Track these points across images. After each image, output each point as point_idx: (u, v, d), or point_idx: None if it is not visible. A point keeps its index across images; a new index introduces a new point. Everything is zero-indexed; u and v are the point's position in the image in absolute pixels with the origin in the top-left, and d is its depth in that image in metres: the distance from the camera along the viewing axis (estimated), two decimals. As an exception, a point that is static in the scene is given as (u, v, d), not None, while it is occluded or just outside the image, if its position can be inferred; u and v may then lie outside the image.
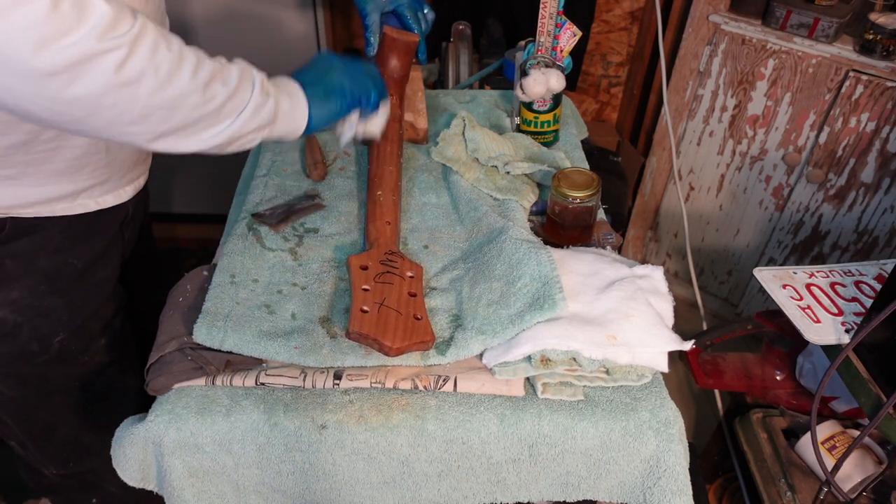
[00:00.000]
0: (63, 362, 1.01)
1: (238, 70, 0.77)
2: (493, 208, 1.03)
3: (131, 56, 0.65)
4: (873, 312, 0.85)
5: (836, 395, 1.16)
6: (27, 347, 0.97)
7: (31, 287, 0.93)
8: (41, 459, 1.12)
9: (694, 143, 1.96)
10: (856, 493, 1.04)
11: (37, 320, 0.95)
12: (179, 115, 0.72)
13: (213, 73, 0.74)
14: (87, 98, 0.65)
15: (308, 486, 0.82)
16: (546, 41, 1.15)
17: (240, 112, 0.77)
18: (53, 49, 0.60)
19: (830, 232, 1.80)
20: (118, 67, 0.64)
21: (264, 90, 0.79)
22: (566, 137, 1.26)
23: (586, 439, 0.79)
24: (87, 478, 1.18)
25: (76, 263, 0.97)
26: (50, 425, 1.08)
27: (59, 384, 1.04)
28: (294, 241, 0.99)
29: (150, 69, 0.67)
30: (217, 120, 0.75)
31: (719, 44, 1.77)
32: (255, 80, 0.79)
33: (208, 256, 1.02)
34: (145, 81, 0.67)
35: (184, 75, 0.70)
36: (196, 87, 0.72)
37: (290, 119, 0.84)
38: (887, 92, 1.55)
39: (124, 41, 0.64)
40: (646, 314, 0.83)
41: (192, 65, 0.71)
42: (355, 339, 0.81)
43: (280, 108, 0.82)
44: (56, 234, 0.93)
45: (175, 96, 0.70)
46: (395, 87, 1.12)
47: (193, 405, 0.79)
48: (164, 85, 0.69)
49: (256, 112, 0.78)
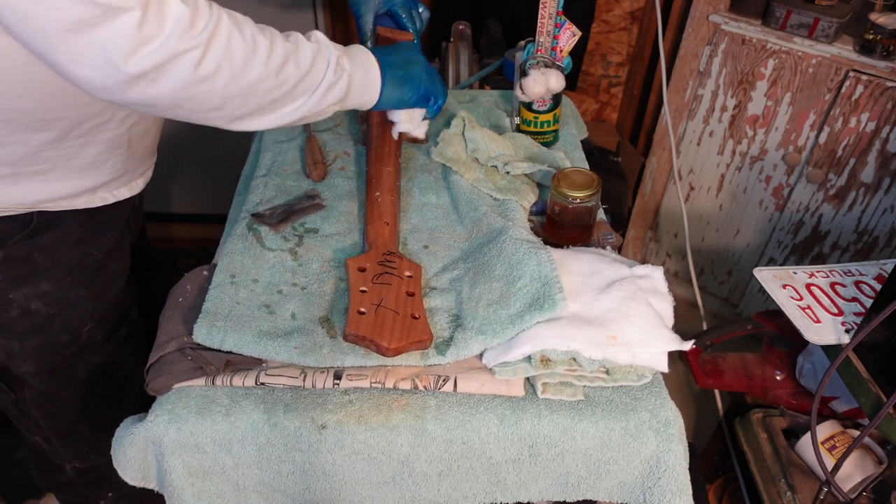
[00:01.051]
0: (91, 352, 1.05)
1: (312, 50, 0.80)
2: (493, 208, 1.03)
3: (208, 53, 0.69)
4: (873, 312, 0.85)
5: (836, 395, 1.16)
6: (59, 339, 1.00)
7: (58, 279, 0.96)
8: (64, 454, 1.15)
9: (694, 143, 1.96)
10: (856, 493, 1.04)
11: (66, 311, 0.98)
12: (255, 99, 0.76)
13: (286, 56, 0.77)
14: (171, 93, 0.70)
15: (308, 486, 0.82)
16: (546, 41, 1.15)
17: (314, 91, 0.81)
18: (141, 54, 0.65)
19: (830, 232, 1.80)
20: (196, 65, 0.69)
21: (339, 68, 0.83)
22: (566, 137, 1.26)
23: (586, 439, 0.79)
24: (104, 472, 1.19)
25: (96, 254, 1.00)
26: (75, 418, 1.10)
27: (85, 376, 1.07)
28: (294, 241, 0.99)
29: (226, 62, 0.71)
30: (291, 99, 0.80)
31: (719, 44, 1.77)
32: (331, 58, 0.82)
33: (208, 256, 1.02)
34: (221, 74, 0.71)
35: (258, 63, 0.74)
36: (269, 72, 0.75)
37: (362, 93, 0.88)
38: (887, 92, 1.55)
39: (201, 40, 0.68)
40: (646, 314, 0.83)
41: (265, 51, 0.75)
42: (352, 341, 0.81)
43: (353, 83, 0.86)
44: (76, 227, 0.96)
45: (250, 83, 0.74)
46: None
47: (193, 405, 0.79)
48: (239, 75, 0.73)
49: (329, 90, 0.82)
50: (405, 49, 0.97)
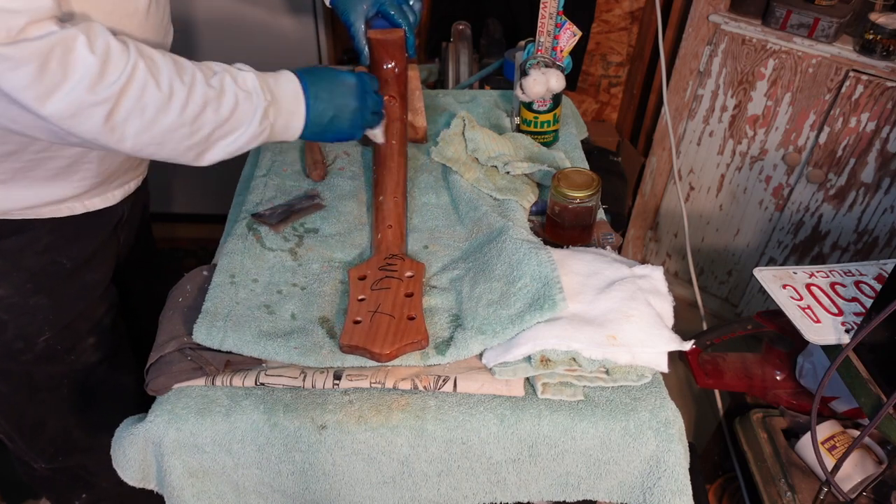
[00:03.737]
0: (48, 361, 1.02)
1: (233, 98, 0.79)
2: (493, 208, 1.03)
3: (118, 106, 0.71)
4: (873, 312, 0.85)
5: (836, 395, 1.16)
6: (12, 345, 0.97)
7: (17, 285, 0.94)
8: (29, 453, 1.13)
9: (694, 143, 1.96)
10: (856, 493, 1.04)
11: (22, 319, 0.96)
12: (169, 146, 0.78)
13: (203, 104, 0.77)
14: (87, 135, 0.72)
15: (308, 487, 0.82)
16: (546, 41, 1.15)
17: (234, 135, 0.81)
18: (53, 100, 0.67)
19: (830, 232, 1.80)
20: (107, 117, 0.71)
21: (264, 118, 0.83)
22: (566, 137, 1.26)
23: (586, 439, 0.79)
24: (76, 472, 1.18)
25: (65, 263, 0.97)
26: (37, 421, 1.08)
27: (45, 382, 1.04)
28: (294, 241, 0.99)
29: (136, 113, 0.73)
30: (208, 145, 0.80)
31: (719, 44, 1.77)
32: (257, 108, 0.82)
33: (208, 256, 1.02)
34: (132, 125, 0.73)
35: (171, 113, 0.75)
36: (184, 121, 0.76)
37: (282, 136, 0.88)
38: (887, 92, 1.55)
39: (112, 92, 0.70)
40: (646, 314, 0.83)
41: (180, 100, 0.75)
42: (348, 352, 0.82)
43: (274, 131, 0.86)
44: (44, 235, 0.93)
45: (162, 131, 0.75)
46: (393, 86, 1.12)
47: (193, 405, 0.79)
48: (151, 125, 0.74)
49: (251, 139, 0.83)
50: (345, 92, 0.92)
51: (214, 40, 1.96)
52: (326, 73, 0.92)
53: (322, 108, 0.90)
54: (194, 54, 1.96)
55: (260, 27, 1.94)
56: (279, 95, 0.85)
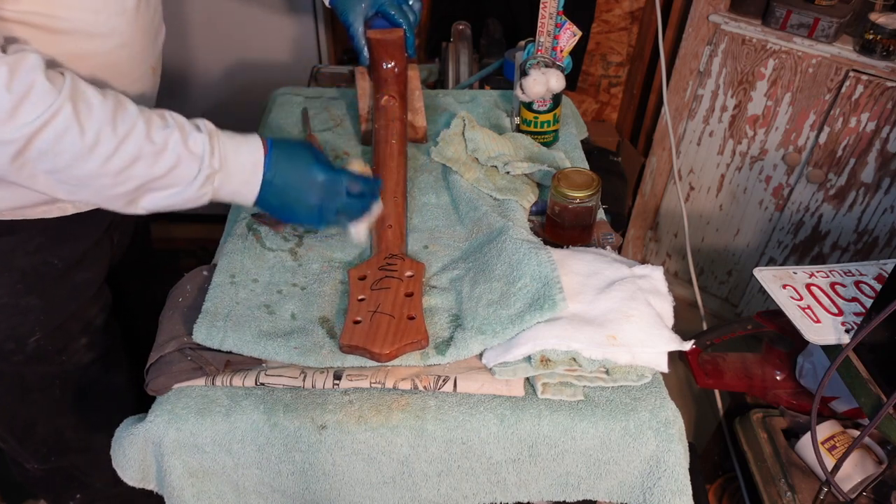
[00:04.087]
0: (40, 361, 1.01)
1: (174, 157, 0.76)
2: (493, 208, 1.03)
3: (29, 148, 0.69)
4: (873, 312, 0.85)
5: (836, 395, 1.16)
6: (3, 346, 0.97)
7: (8, 286, 0.93)
8: (22, 454, 1.13)
9: (694, 143, 1.96)
10: (856, 493, 1.04)
11: (13, 319, 0.95)
12: (88, 192, 0.75)
13: (135, 158, 0.74)
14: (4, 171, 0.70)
15: (308, 487, 0.82)
16: (546, 41, 1.15)
17: (170, 190, 0.78)
18: None
19: (830, 232, 1.80)
20: (14, 157, 0.69)
21: (207, 182, 0.79)
22: (566, 137, 1.26)
23: (586, 439, 0.79)
24: (70, 473, 1.18)
25: (57, 264, 0.96)
26: (29, 422, 1.08)
27: (36, 382, 1.04)
28: (294, 241, 0.99)
29: (49, 157, 0.70)
30: (138, 195, 0.77)
31: (719, 44, 1.77)
32: (200, 173, 0.78)
33: (207, 257, 1.02)
34: (42, 166, 0.70)
35: (91, 162, 0.72)
36: (106, 171, 0.73)
37: (233, 199, 0.85)
38: (887, 92, 1.55)
39: (22, 133, 0.67)
40: (646, 314, 0.83)
41: (105, 151, 0.72)
42: (348, 352, 0.82)
43: (220, 194, 0.82)
44: (36, 235, 0.93)
45: (80, 177, 0.73)
46: (393, 85, 1.12)
47: (193, 405, 0.79)
48: (66, 170, 0.72)
49: (191, 200, 0.80)
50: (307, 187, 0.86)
51: (215, 40, 1.96)
52: (299, 157, 0.86)
53: (277, 191, 0.85)
54: (194, 55, 1.97)
55: (260, 27, 1.94)
56: (231, 164, 0.81)
